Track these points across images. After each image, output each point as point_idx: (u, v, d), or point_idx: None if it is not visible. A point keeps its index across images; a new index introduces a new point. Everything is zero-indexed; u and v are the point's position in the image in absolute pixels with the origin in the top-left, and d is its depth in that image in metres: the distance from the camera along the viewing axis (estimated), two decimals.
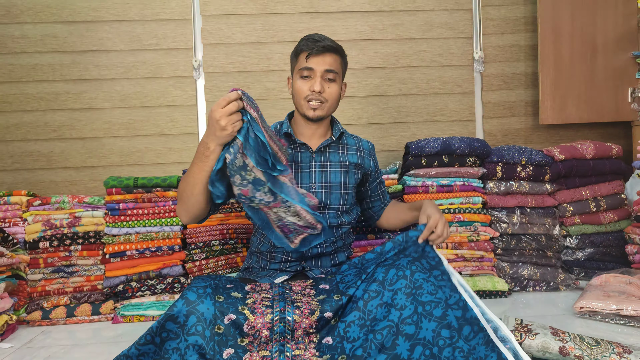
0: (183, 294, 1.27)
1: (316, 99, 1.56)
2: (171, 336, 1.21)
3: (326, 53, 1.55)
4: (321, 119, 1.62)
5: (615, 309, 1.74)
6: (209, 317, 1.23)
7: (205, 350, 1.20)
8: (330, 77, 1.57)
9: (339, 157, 1.69)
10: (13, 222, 2.20)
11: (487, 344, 1.20)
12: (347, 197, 1.67)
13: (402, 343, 1.21)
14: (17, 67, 2.58)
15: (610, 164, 2.34)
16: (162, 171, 2.63)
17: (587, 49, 2.68)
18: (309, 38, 1.57)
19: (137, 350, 1.22)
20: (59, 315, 2.05)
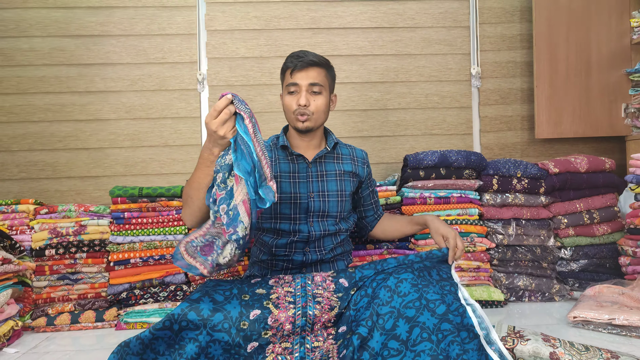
0: (209, 293, 1.33)
1: (303, 112, 1.62)
2: (190, 327, 1.26)
3: (309, 67, 1.62)
4: (310, 130, 1.68)
5: (607, 319, 1.78)
6: (235, 315, 1.30)
7: (230, 345, 1.26)
8: (315, 90, 1.63)
9: (335, 167, 1.75)
10: (20, 229, 2.25)
11: (480, 350, 1.26)
12: (344, 204, 1.74)
13: (402, 325, 1.27)
14: (25, 79, 2.64)
15: (604, 177, 2.40)
16: (165, 181, 2.69)
17: (582, 66, 2.76)
18: (293, 55, 1.64)
19: (152, 334, 1.26)
20: (64, 322, 2.09)
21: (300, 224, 1.68)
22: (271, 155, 1.72)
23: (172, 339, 1.27)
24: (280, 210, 1.67)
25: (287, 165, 1.70)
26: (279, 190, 1.67)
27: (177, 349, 1.28)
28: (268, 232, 1.72)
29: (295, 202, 1.67)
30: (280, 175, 1.68)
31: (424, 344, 1.24)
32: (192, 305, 1.27)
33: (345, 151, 1.83)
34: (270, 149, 1.74)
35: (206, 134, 1.38)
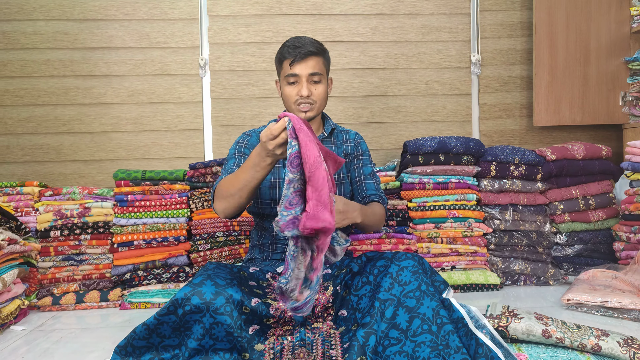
0: (211, 277, 1.36)
1: (305, 102, 1.64)
2: (194, 310, 1.29)
3: (308, 58, 1.62)
4: (312, 119, 1.71)
5: (600, 301, 1.83)
6: (237, 299, 1.33)
7: (233, 328, 1.30)
8: (315, 79, 1.65)
9: (332, 151, 1.78)
10: (25, 211, 2.29)
11: (467, 335, 1.30)
12: (342, 187, 1.77)
13: (402, 314, 1.31)
14: (29, 62, 2.66)
15: (600, 164, 2.44)
16: (168, 165, 2.72)
17: (581, 54, 2.78)
18: (290, 45, 1.64)
19: (157, 320, 1.31)
20: (69, 301, 2.14)
21: None
22: None
23: (176, 324, 1.31)
24: (279, 195, 1.70)
25: None
26: (278, 175, 1.71)
27: (183, 331, 1.32)
28: (268, 217, 1.75)
29: None
30: (280, 162, 1.71)
31: (424, 336, 1.27)
32: (194, 289, 1.30)
33: (341, 136, 1.86)
34: None
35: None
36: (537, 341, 1.38)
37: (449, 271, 2.30)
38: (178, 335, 1.33)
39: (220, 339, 1.32)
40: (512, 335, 1.39)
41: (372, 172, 1.85)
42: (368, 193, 1.79)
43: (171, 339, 1.34)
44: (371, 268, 1.44)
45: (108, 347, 1.69)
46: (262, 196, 1.73)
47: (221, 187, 1.52)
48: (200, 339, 1.31)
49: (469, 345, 1.28)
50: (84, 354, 1.65)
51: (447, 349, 1.26)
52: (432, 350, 1.25)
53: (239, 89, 2.76)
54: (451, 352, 1.25)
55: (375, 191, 1.80)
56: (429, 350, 1.25)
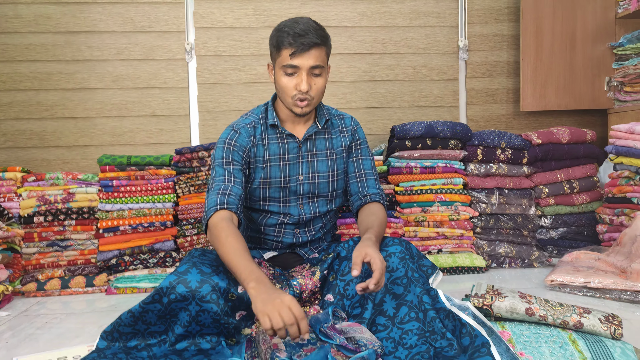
0: (196, 264, 1.33)
1: (304, 98, 1.49)
2: (179, 298, 1.27)
3: (312, 49, 1.45)
4: (308, 114, 1.57)
5: (583, 282, 1.86)
6: (224, 287, 1.31)
7: (219, 315, 1.29)
8: (316, 72, 1.49)
9: (326, 145, 1.66)
10: (8, 197, 2.26)
11: (449, 317, 1.31)
12: (336, 183, 1.67)
13: (389, 301, 1.32)
14: (11, 46, 2.61)
15: (585, 148, 2.46)
16: (153, 151, 2.69)
17: (567, 40, 2.79)
18: (291, 32, 1.45)
19: (142, 308, 1.29)
20: (54, 287, 2.12)
21: (290, 206, 1.63)
22: (259, 133, 1.60)
23: (162, 312, 1.30)
24: (269, 194, 1.62)
25: (276, 147, 1.60)
26: (269, 175, 1.60)
27: (169, 318, 1.31)
28: (257, 211, 1.68)
29: (284, 185, 1.61)
30: (270, 159, 1.60)
31: (412, 324, 1.29)
32: (180, 278, 1.28)
33: (336, 124, 1.70)
34: (255, 125, 1.61)
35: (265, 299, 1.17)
36: (520, 319, 1.40)
37: (436, 254, 2.32)
38: (164, 322, 1.32)
39: (207, 325, 1.32)
40: (496, 313, 1.41)
41: (372, 165, 1.72)
42: (369, 192, 1.66)
43: (157, 326, 1.33)
44: None
45: (93, 332, 1.68)
46: (252, 194, 1.64)
47: (216, 234, 1.37)
48: (186, 325, 1.30)
49: (455, 327, 1.29)
50: (69, 339, 1.63)
51: (434, 335, 1.27)
52: (419, 338, 1.26)
53: (226, 74, 2.73)
54: (437, 337, 1.26)
55: (376, 189, 1.68)
56: (416, 337, 1.26)
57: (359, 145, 1.72)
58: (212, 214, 1.42)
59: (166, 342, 1.33)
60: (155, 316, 1.31)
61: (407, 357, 1.23)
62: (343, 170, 1.69)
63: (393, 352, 1.25)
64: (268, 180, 1.60)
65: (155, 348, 1.33)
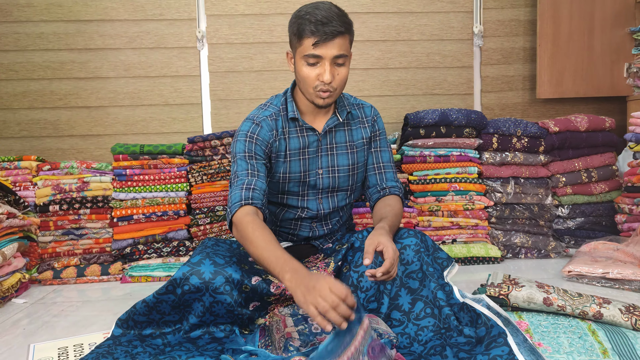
0: (210, 255, 1.33)
1: (326, 89, 1.44)
2: (192, 290, 1.28)
3: (336, 38, 1.38)
4: (330, 105, 1.52)
5: (601, 273, 1.83)
6: (237, 278, 1.31)
7: (233, 307, 1.30)
8: (340, 62, 1.43)
9: (346, 137, 1.62)
10: (24, 186, 2.28)
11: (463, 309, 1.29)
12: (356, 177, 1.65)
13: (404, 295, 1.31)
14: (23, 35, 2.61)
15: (603, 136, 2.41)
16: (166, 140, 2.69)
17: (585, 25, 2.72)
18: (314, 20, 1.38)
19: (156, 298, 1.30)
20: (70, 275, 2.14)
21: (309, 200, 1.61)
22: (280, 126, 1.56)
23: (175, 302, 1.31)
24: (288, 188, 1.60)
25: (297, 141, 1.57)
26: (289, 169, 1.58)
27: (183, 308, 1.32)
28: (274, 204, 1.66)
29: (304, 180, 1.59)
30: (290, 153, 1.57)
31: (428, 320, 1.27)
32: (193, 269, 1.29)
33: (356, 114, 1.66)
34: (276, 117, 1.57)
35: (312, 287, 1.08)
36: (538, 309, 1.38)
37: (450, 244, 2.30)
38: (178, 312, 1.33)
39: (221, 315, 1.32)
40: (513, 303, 1.39)
41: (390, 157, 1.69)
42: (388, 184, 1.63)
43: (171, 316, 1.34)
44: None
45: (109, 320, 1.69)
46: (270, 188, 1.62)
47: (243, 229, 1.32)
48: (200, 315, 1.31)
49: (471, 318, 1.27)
50: (84, 326, 1.65)
51: (450, 332, 1.26)
52: (434, 334, 1.25)
53: (237, 62, 2.71)
54: (453, 334, 1.25)
55: (395, 182, 1.65)
56: (432, 334, 1.25)
57: (378, 137, 1.69)
58: (236, 209, 1.37)
59: (180, 331, 1.34)
60: (169, 306, 1.32)
61: (422, 352, 1.22)
62: (363, 164, 1.66)
63: (408, 347, 1.25)
64: (288, 175, 1.57)
65: (169, 336, 1.34)
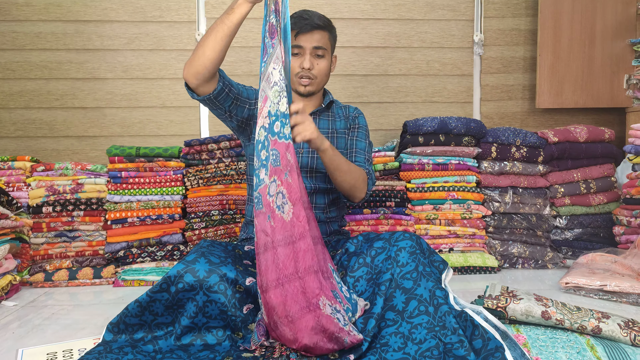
0: (205, 254, 1.33)
1: (306, 76, 1.63)
2: (187, 288, 1.27)
3: (314, 30, 1.61)
4: (312, 94, 1.70)
5: (599, 285, 1.81)
6: (231, 277, 1.31)
7: (227, 307, 1.28)
8: (319, 53, 1.64)
9: (328, 124, 1.75)
10: (17, 186, 2.25)
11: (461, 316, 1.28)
12: None
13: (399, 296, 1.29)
14: (21, 34, 2.59)
15: (602, 147, 2.40)
16: (163, 142, 2.67)
17: (586, 36, 2.72)
18: (297, 16, 1.63)
19: (149, 297, 1.29)
20: (62, 278, 2.11)
21: None
22: None
23: (169, 302, 1.29)
24: None
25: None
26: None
27: (176, 309, 1.31)
28: None
29: None
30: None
31: (421, 317, 1.26)
32: (188, 267, 1.28)
33: (340, 111, 1.81)
34: None
35: None
36: (536, 322, 1.36)
37: (447, 253, 2.28)
38: (171, 313, 1.32)
39: (214, 317, 1.30)
40: (510, 316, 1.37)
41: (366, 148, 1.76)
42: (355, 162, 1.70)
43: (164, 317, 1.32)
44: (368, 249, 1.42)
45: (100, 324, 1.66)
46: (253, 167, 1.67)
47: (196, 47, 1.41)
48: (193, 317, 1.29)
49: (465, 327, 1.26)
50: (75, 330, 1.62)
51: (444, 330, 1.24)
52: (428, 332, 1.24)
53: (236, 65, 2.70)
54: (448, 332, 1.24)
55: (363, 163, 1.72)
56: (426, 331, 1.24)
57: (356, 129, 1.80)
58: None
59: (172, 335, 1.32)
60: (162, 306, 1.30)
61: (416, 352, 1.20)
62: (344, 150, 1.75)
63: (402, 348, 1.23)
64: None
65: (161, 341, 1.32)
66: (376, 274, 1.37)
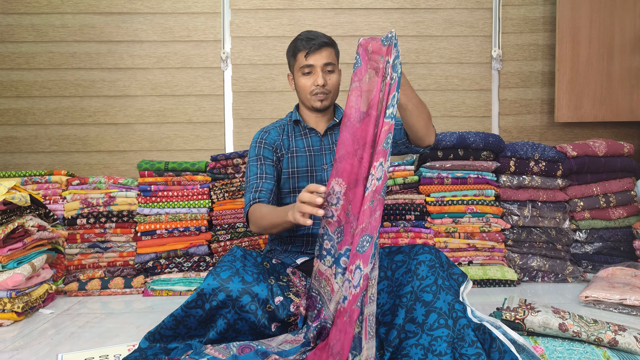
0: (239, 272, 1.40)
1: (321, 92, 1.70)
2: (220, 305, 1.35)
3: (322, 49, 1.69)
4: (328, 108, 1.77)
5: (618, 299, 1.83)
6: (262, 298, 1.38)
7: (256, 325, 1.36)
8: (329, 69, 1.71)
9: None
10: (53, 199, 2.37)
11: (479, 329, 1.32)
12: None
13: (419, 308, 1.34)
14: (57, 54, 2.73)
15: (622, 161, 2.41)
16: (189, 157, 2.77)
17: (604, 50, 2.74)
18: (303, 38, 1.71)
19: (184, 312, 1.36)
20: (94, 287, 2.21)
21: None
22: (286, 131, 1.81)
23: (202, 317, 1.37)
24: (298, 184, 1.75)
25: (301, 140, 1.79)
26: (296, 164, 1.76)
27: (209, 323, 1.39)
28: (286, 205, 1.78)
29: (311, 174, 1.76)
30: (297, 150, 1.77)
31: (441, 330, 1.30)
32: (222, 286, 1.36)
33: None
34: (283, 126, 1.83)
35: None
36: (553, 334, 1.39)
37: (466, 266, 2.31)
38: (204, 327, 1.40)
39: (243, 332, 1.38)
40: (528, 328, 1.40)
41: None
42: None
43: (197, 330, 1.40)
44: (389, 263, 1.47)
45: (132, 332, 1.75)
46: (282, 187, 1.76)
47: (254, 218, 1.62)
48: (222, 332, 1.37)
49: (484, 340, 1.30)
50: (108, 338, 1.70)
51: (462, 342, 1.28)
52: (448, 345, 1.27)
53: (260, 82, 2.79)
54: (465, 345, 1.27)
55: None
56: (446, 345, 1.27)
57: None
58: (248, 209, 1.67)
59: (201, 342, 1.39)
60: (196, 321, 1.38)
61: None
62: None
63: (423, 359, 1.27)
64: (296, 169, 1.75)
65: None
66: (397, 287, 1.40)
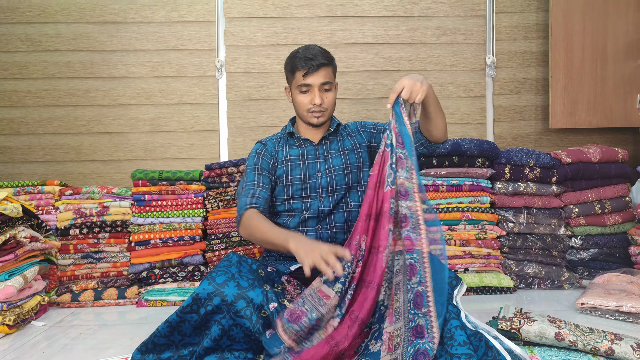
0: (234, 277, 1.40)
1: (318, 110, 1.75)
2: (215, 310, 1.34)
3: (320, 69, 1.72)
4: (324, 123, 1.83)
5: (614, 306, 1.82)
6: (257, 303, 1.37)
7: (251, 331, 1.35)
8: (326, 87, 1.76)
9: (338, 145, 1.87)
10: (46, 209, 2.35)
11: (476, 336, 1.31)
12: (350, 175, 1.83)
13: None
14: (51, 64, 2.73)
15: (616, 167, 2.42)
16: (184, 166, 2.76)
17: (598, 56, 2.75)
18: (302, 57, 1.73)
19: (179, 317, 1.35)
20: (87, 298, 2.19)
21: (312, 201, 1.78)
22: (282, 143, 1.87)
23: (198, 323, 1.36)
24: (292, 192, 1.78)
25: (296, 150, 1.84)
26: (291, 172, 1.79)
27: (203, 330, 1.37)
28: (282, 213, 1.81)
29: (305, 182, 1.79)
30: (291, 158, 1.81)
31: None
32: (217, 290, 1.35)
33: (344, 131, 1.93)
34: (279, 138, 1.88)
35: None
36: (549, 344, 1.39)
37: (462, 273, 2.30)
38: (198, 333, 1.38)
39: (238, 340, 1.36)
40: (524, 337, 1.40)
41: None
42: None
43: (191, 337, 1.39)
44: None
45: (125, 344, 1.73)
46: (277, 196, 1.78)
47: (249, 223, 1.63)
48: (217, 339, 1.35)
49: (478, 347, 1.29)
50: (102, 350, 1.69)
51: (451, 341, 1.27)
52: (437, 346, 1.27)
53: (254, 90, 2.79)
54: (454, 343, 1.27)
55: None
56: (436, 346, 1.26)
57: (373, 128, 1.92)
58: (242, 212, 1.67)
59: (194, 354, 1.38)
60: (191, 327, 1.36)
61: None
62: (356, 164, 1.85)
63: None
64: (290, 177, 1.78)
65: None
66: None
